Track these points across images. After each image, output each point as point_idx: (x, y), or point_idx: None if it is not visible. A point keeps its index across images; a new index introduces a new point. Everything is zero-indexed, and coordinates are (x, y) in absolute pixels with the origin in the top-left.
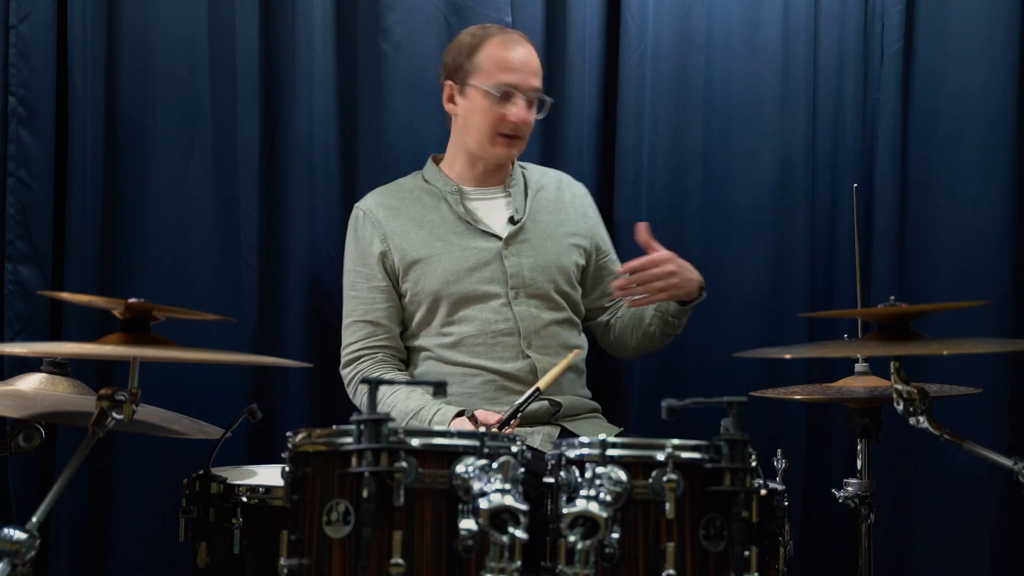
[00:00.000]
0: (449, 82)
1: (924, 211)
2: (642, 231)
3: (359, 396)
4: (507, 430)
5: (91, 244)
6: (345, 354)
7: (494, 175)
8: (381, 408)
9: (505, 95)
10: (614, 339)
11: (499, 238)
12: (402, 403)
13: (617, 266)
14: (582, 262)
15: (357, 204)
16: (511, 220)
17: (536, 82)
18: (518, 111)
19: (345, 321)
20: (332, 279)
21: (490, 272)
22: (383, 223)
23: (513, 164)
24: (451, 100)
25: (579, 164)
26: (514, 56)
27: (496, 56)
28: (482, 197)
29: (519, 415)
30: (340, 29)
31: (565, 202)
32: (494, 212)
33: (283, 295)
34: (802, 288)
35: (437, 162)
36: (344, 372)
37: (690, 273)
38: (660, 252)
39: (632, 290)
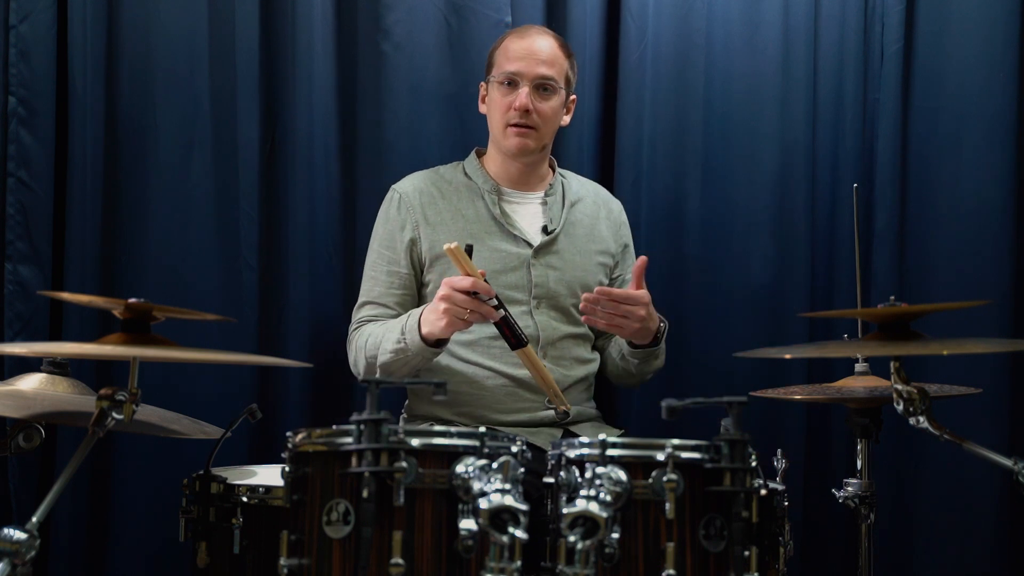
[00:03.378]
0: (482, 83)
1: (924, 211)
2: (640, 265)
3: (356, 351)
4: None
5: (91, 244)
6: (351, 330)
7: (532, 179)
8: (357, 359)
9: (511, 83)
10: (604, 362)
11: (530, 245)
12: (374, 335)
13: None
14: (606, 281)
15: (394, 186)
16: (544, 229)
17: (544, 70)
18: (520, 98)
19: (359, 300)
20: (332, 279)
21: (516, 278)
22: (418, 210)
23: (554, 171)
24: (483, 100)
25: (579, 164)
26: (520, 45)
27: (506, 48)
28: (519, 200)
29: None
30: (340, 29)
31: (600, 218)
32: (529, 217)
33: (283, 295)
34: (802, 288)
35: (480, 155)
36: (348, 346)
37: (653, 323)
38: (641, 292)
39: (595, 311)
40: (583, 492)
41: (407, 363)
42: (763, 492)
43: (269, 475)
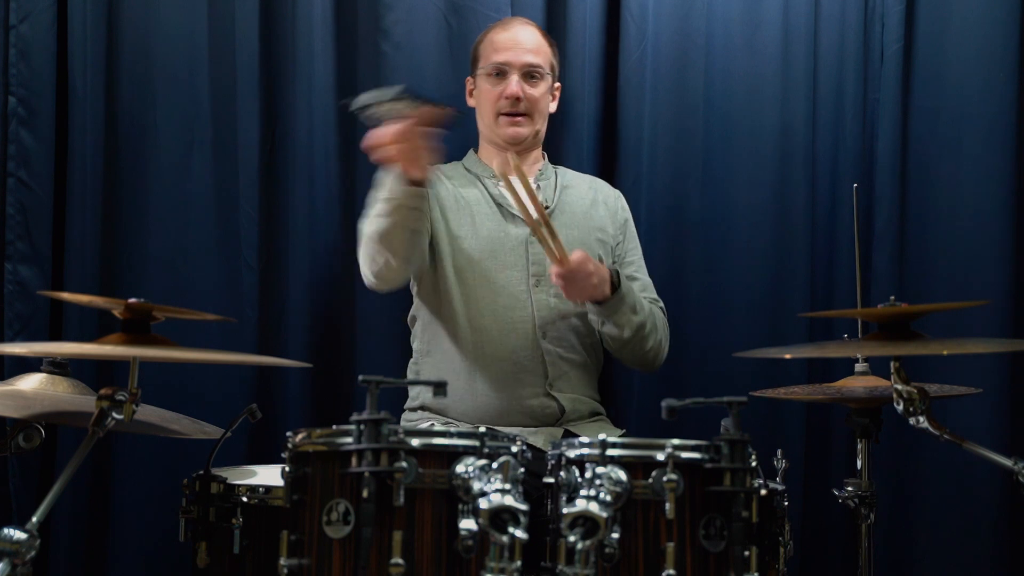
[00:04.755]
0: (469, 78)
1: (924, 211)
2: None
3: (360, 251)
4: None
5: (91, 244)
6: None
7: (525, 163)
8: (362, 249)
9: (500, 74)
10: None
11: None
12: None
13: (631, 270)
14: (607, 259)
15: None
16: None
17: (530, 58)
18: (511, 86)
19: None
20: (332, 279)
21: (514, 257)
22: (433, 182)
23: (545, 159)
24: (470, 94)
25: (579, 164)
26: (504, 36)
27: (491, 40)
28: (514, 184)
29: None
30: (340, 29)
31: (598, 201)
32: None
33: (283, 295)
34: (802, 288)
35: (475, 151)
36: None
37: (604, 272)
38: (578, 258)
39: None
40: (583, 492)
41: (400, 215)
42: (763, 492)
43: (269, 475)
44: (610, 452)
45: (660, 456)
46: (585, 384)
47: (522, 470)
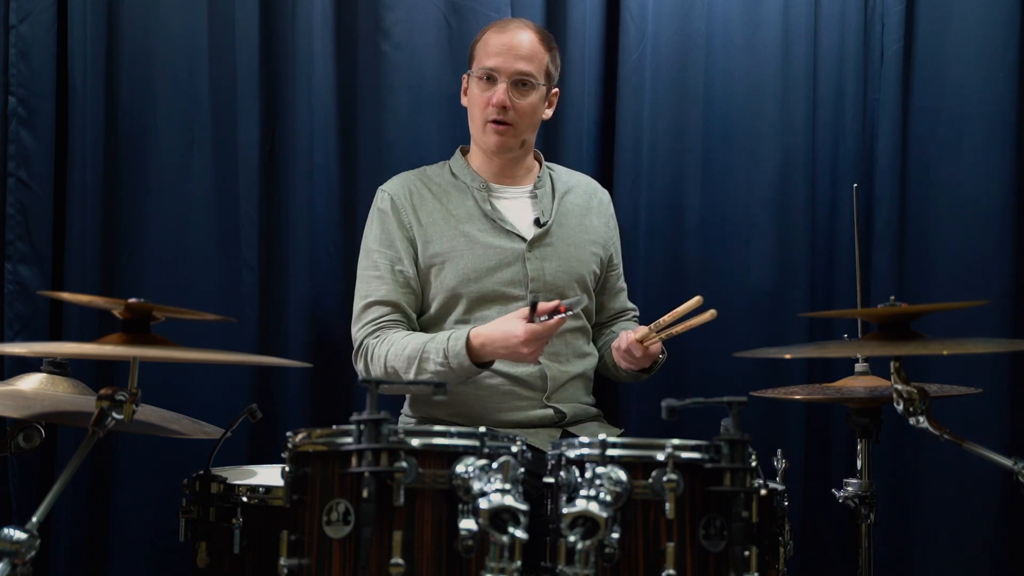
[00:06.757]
0: (464, 75)
1: (924, 211)
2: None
3: (376, 360)
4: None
5: (91, 244)
6: (360, 335)
7: (518, 172)
8: (376, 368)
9: (489, 78)
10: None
11: (523, 239)
12: (397, 347)
13: (621, 281)
14: (599, 271)
15: (383, 187)
16: (536, 222)
17: (523, 66)
18: (498, 95)
19: (362, 302)
20: (332, 279)
21: (511, 273)
22: (410, 211)
23: (541, 164)
24: (465, 92)
25: (579, 164)
26: (499, 40)
27: (486, 42)
28: (508, 196)
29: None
30: (340, 29)
31: (592, 208)
32: (519, 212)
33: (283, 295)
34: (802, 288)
35: (464, 153)
36: (357, 355)
37: (655, 356)
38: (656, 347)
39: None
40: (583, 492)
41: (455, 380)
42: (763, 492)
43: (269, 475)
44: (610, 452)
45: (660, 456)
46: (582, 392)
47: (522, 470)
